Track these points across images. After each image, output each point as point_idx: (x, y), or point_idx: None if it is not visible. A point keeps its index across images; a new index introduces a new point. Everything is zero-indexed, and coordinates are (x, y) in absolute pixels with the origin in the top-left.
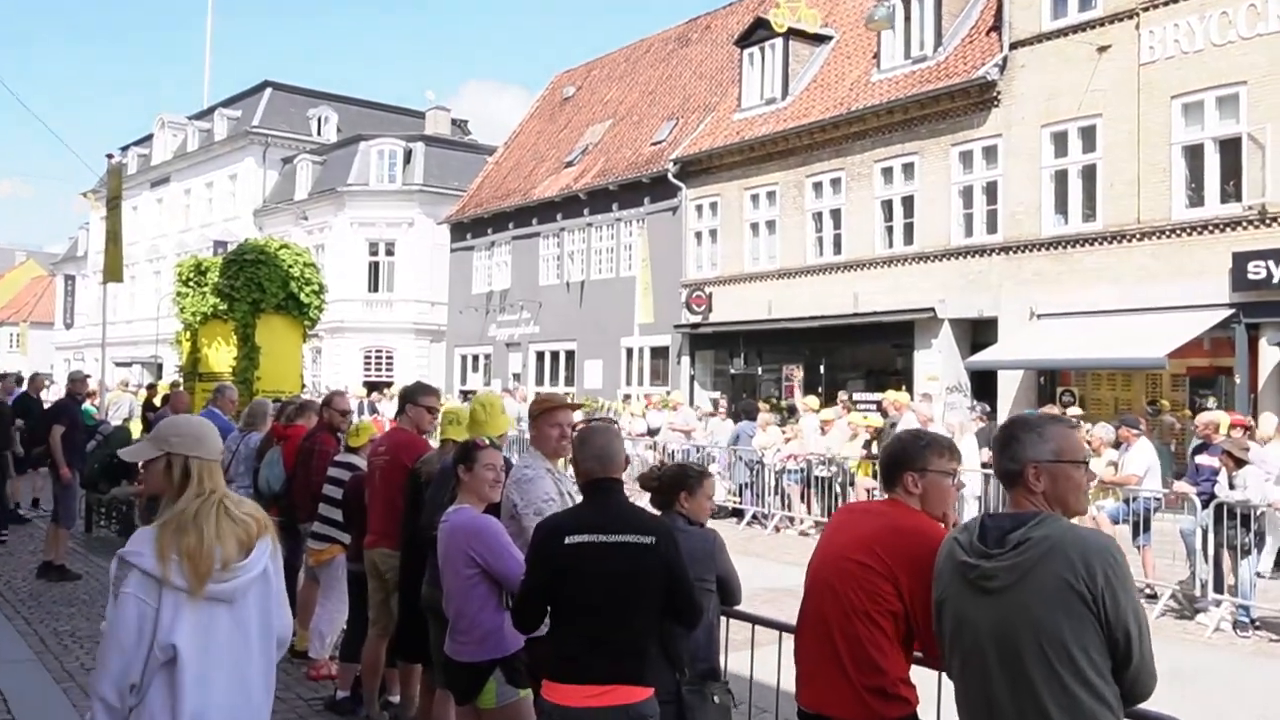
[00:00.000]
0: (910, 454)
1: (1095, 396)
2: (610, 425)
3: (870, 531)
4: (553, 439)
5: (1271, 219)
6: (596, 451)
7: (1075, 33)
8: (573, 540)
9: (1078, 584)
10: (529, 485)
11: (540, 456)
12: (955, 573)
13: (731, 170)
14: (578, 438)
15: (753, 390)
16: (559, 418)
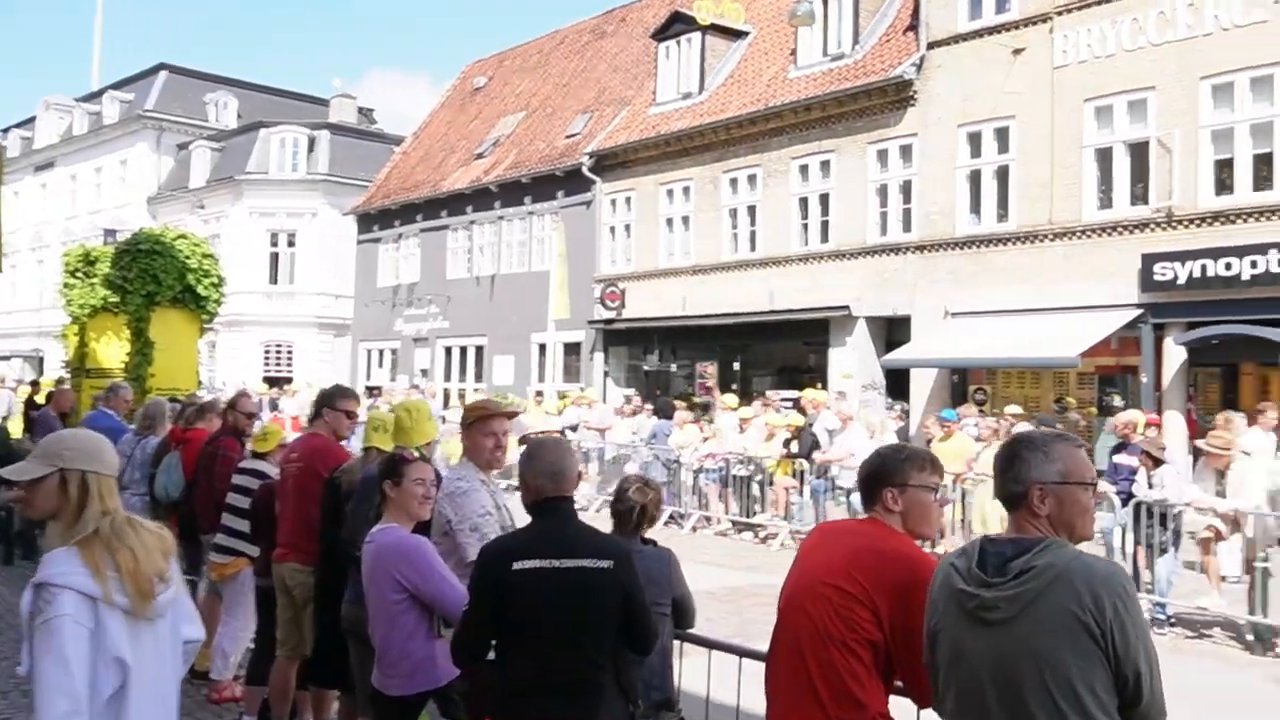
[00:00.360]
0: (889, 468)
1: (1005, 394)
2: (561, 439)
3: (848, 553)
4: (487, 449)
5: (1178, 222)
6: (548, 467)
7: (991, 34)
8: (522, 566)
9: (1085, 616)
10: (463, 499)
11: (473, 467)
12: (952, 601)
13: (647, 164)
14: (526, 452)
15: (666, 387)
16: (493, 426)
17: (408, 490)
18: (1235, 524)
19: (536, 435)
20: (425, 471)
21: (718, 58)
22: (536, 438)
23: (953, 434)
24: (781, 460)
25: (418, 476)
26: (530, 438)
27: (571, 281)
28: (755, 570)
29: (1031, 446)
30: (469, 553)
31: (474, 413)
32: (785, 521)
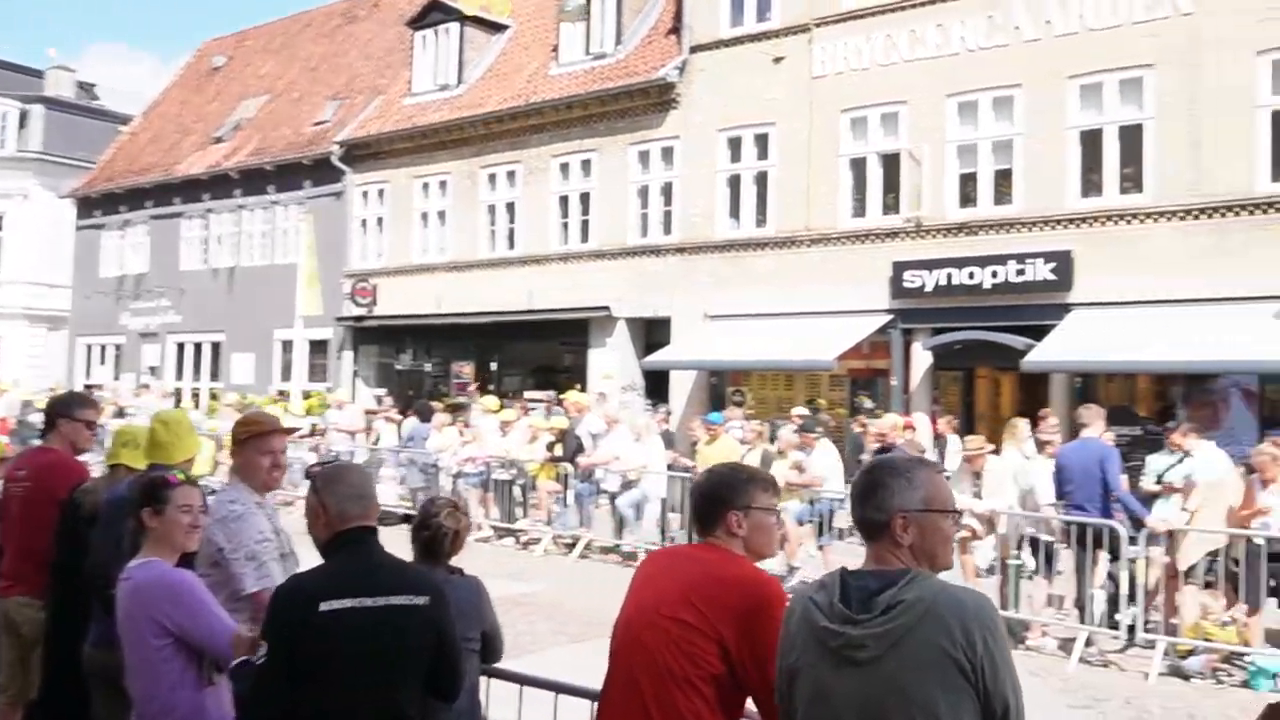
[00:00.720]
0: (734, 490)
1: (760, 396)
2: (356, 464)
3: (686, 582)
4: (263, 468)
5: (927, 232)
6: (354, 491)
7: (752, 42)
8: (330, 607)
9: (955, 652)
10: (238, 524)
11: (246, 489)
12: (813, 640)
13: (401, 157)
14: (325, 476)
15: (419, 387)
16: (271, 443)
17: (172, 519)
18: (990, 524)
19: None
20: (192, 497)
21: (477, 50)
22: (332, 462)
23: (719, 437)
24: (545, 464)
25: (184, 503)
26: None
27: (320, 276)
28: (519, 578)
29: (894, 473)
30: (245, 583)
31: (248, 428)
32: (548, 526)
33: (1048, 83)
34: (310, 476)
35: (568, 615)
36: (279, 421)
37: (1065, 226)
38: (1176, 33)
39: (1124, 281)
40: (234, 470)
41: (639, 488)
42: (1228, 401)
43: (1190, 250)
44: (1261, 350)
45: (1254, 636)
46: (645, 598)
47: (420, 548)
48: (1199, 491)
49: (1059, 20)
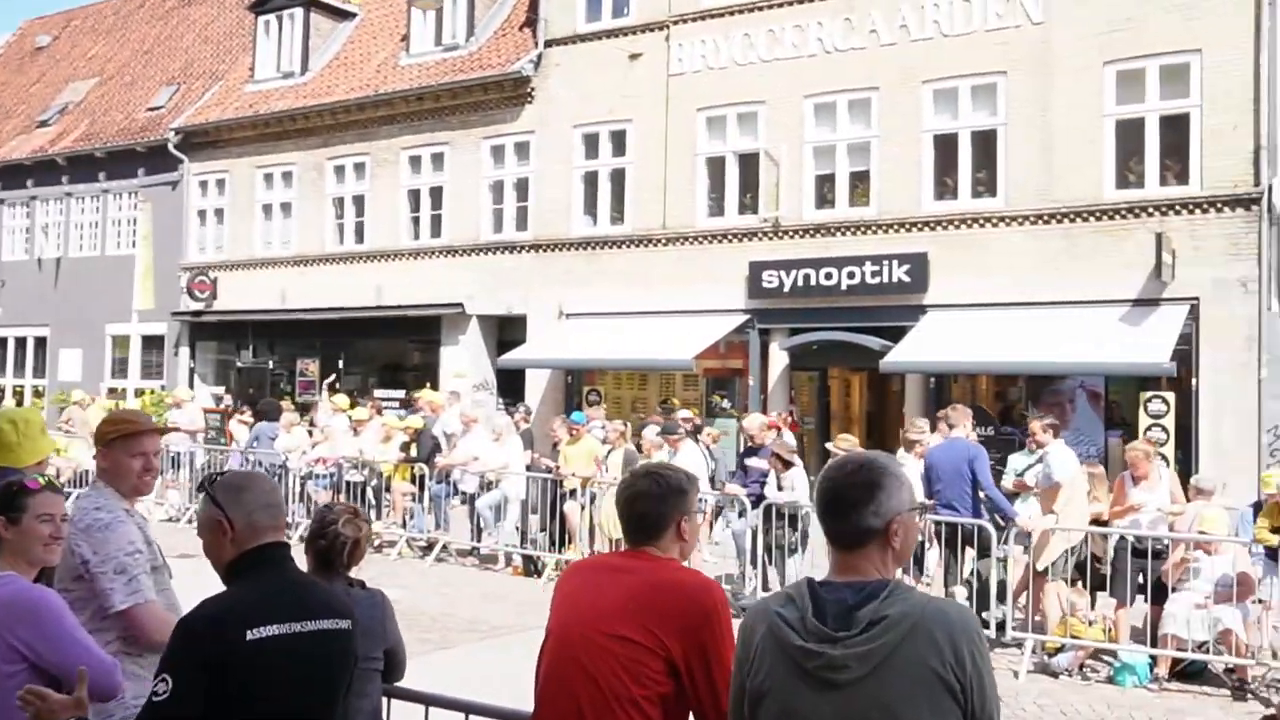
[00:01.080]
0: (686, 495)
1: (615, 396)
2: (257, 471)
3: (625, 594)
4: (134, 472)
5: (784, 232)
6: (265, 501)
7: (609, 38)
8: (260, 634)
9: (945, 672)
10: (106, 533)
11: (114, 494)
12: (784, 659)
13: (243, 146)
14: (230, 485)
15: (261, 385)
16: (143, 444)
17: (30, 530)
18: None
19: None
20: (54, 505)
21: (323, 38)
22: (234, 469)
23: (581, 437)
24: (400, 465)
25: (43, 511)
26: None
27: (155, 269)
28: (375, 584)
29: (888, 473)
30: (113, 599)
31: (117, 428)
32: (403, 529)
33: (903, 87)
34: (207, 487)
35: (431, 622)
36: (151, 420)
37: (920, 229)
38: (1028, 41)
39: (977, 284)
40: (100, 474)
41: (499, 489)
42: (1074, 402)
43: (1040, 254)
44: (1107, 353)
45: (1121, 633)
46: (578, 614)
47: (316, 558)
48: (1065, 490)
49: (915, 25)
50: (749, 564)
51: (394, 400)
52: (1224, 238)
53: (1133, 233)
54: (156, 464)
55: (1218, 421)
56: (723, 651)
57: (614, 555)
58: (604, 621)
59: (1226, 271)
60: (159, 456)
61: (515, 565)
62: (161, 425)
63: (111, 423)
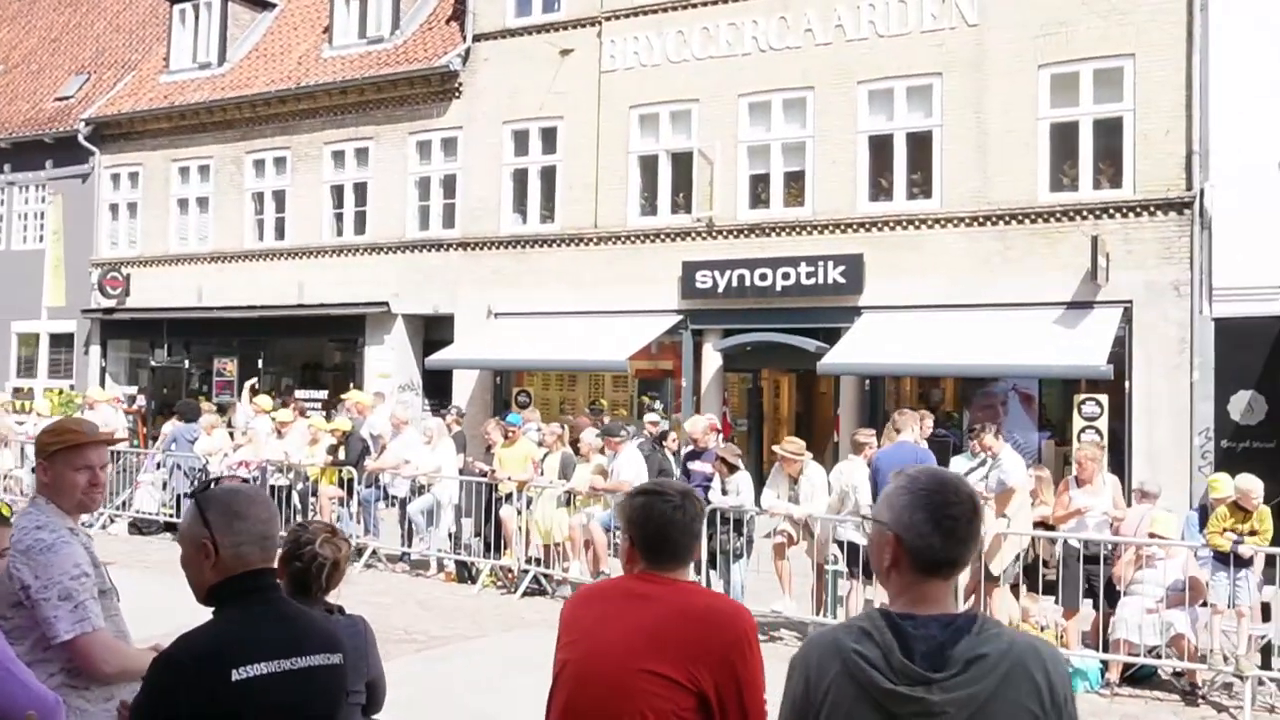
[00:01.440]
0: (700, 519)
1: (543, 397)
2: (252, 486)
3: (652, 625)
4: (79, 486)
5: (718, 232)
6: (261, 529)
7: (539, 33)
8: (246, 674)
9: (1043, 716)
10: (49, 556)
11: (56, 511)
12: (867, 703)
13: (157, 138)
14: (221, 502)
15: (175, 385)
16: (90, 457)
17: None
18: (807, 529)
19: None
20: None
21: (241, 28)
22: (223, 484)
23: (517, 440)
24: (327, 468)
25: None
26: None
27: (64, 264)
28: None
29: (974, 496)
30: (58, 629)
31: (60, 438)
32: None
33: (838, 87)
34: (194, 501)
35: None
36: (97, 429)
37: (855, 230)
38: (963, 43)
39: (913, 286)
40: (40, 488)
41: (430, 493)
42: (1006, 405)
43: (975, 256)
44: (1044, 355)
45: (1071, 638)
46: (602, 646)
47: (291, 582)
48: (1018, 496)
49: (850, 25)
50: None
51: (316, 401)
52: (1157, 241)
53: (1067, 236)
54: (103, 477)
55: (1151, 425)
56: (756, 679)
57: (632, 580)
58: (634, 656)
59: (1159, 275)
60: (106, 469)
61: (448, 571)
62: (109, 435)
63: (54, 433)
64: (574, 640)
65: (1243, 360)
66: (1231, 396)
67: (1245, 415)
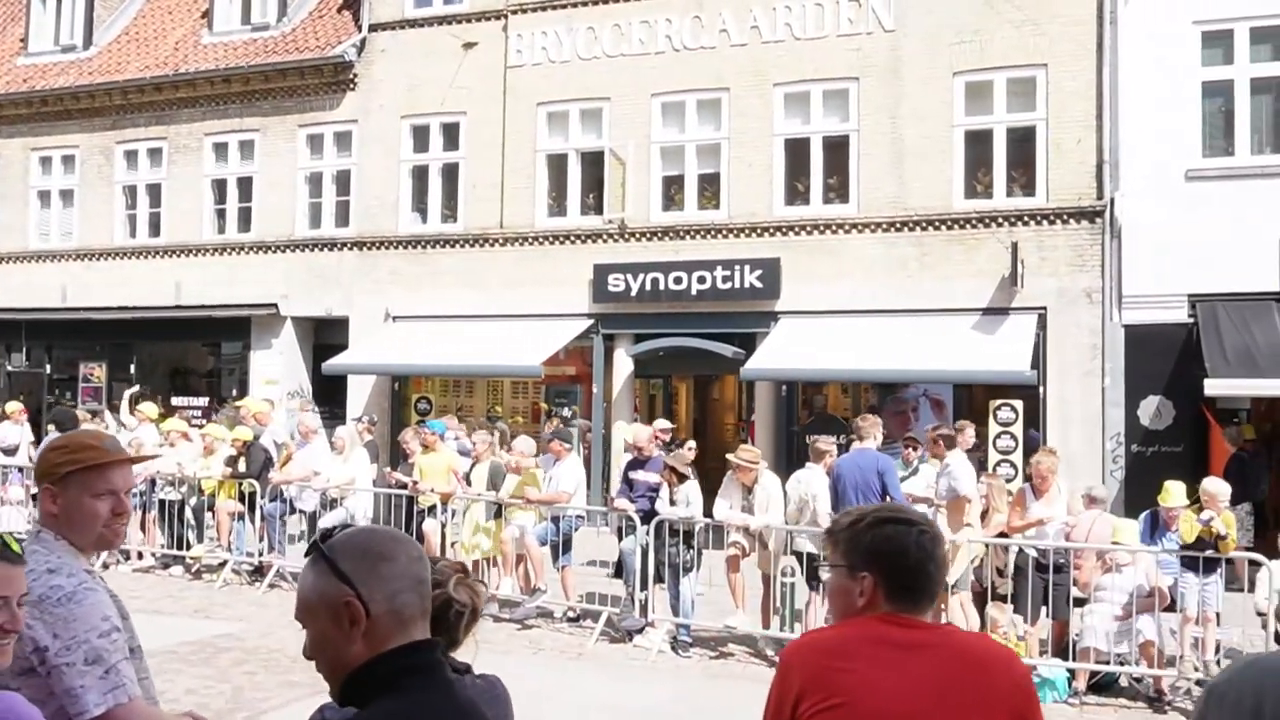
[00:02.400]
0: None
1: (441, 404)
2: (389, 528)
3: (935, 678)
4: (99, 517)
5: (630, 234)
6: (416, 574)
7: (440, 24)
8: None
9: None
10: (70, 608)
11: (69, 549)
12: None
13: (14, 125)
14: (365, 548)
15: (34, 391)
16: (114, 480)
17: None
18: (761, 540)
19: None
20: (10, 586)
21: (109, 10)
22: (359, 524)
23: (434, 447)
24: (226, 481)
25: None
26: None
27: None
28: (207, 615)
29: None
30: (86, 700)
31: (76, 457)
32: (229, 552)
33: (754, 89)
34: (316, 556)
35: (290, 662)
36: (120, 446)
37: (772, 234)
38: (879, 49)
39: (830, 291)
40: (47, 520)
41: (342, 507)
42: (917, 411)
43: (892, 262)
44: (967, 360)
45: (1032, 648)
46: (887, 704)
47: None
48: (975, 503)
49: (766, 27)
50: (637, 585)
51: (195, 409)
52: (1069, 249)
53: (983, 242)
54: (129, 505)
55: (1065, 429)
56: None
57: (884, 625)
58: (927, 715)
59: (1071, 282)
60: (130, 495)
61: None
62: (133, 453)
63: (66, 450)
64: (845, 702)
65: (1151, 366)
66: (1141, 402)
67: (1154, 420)
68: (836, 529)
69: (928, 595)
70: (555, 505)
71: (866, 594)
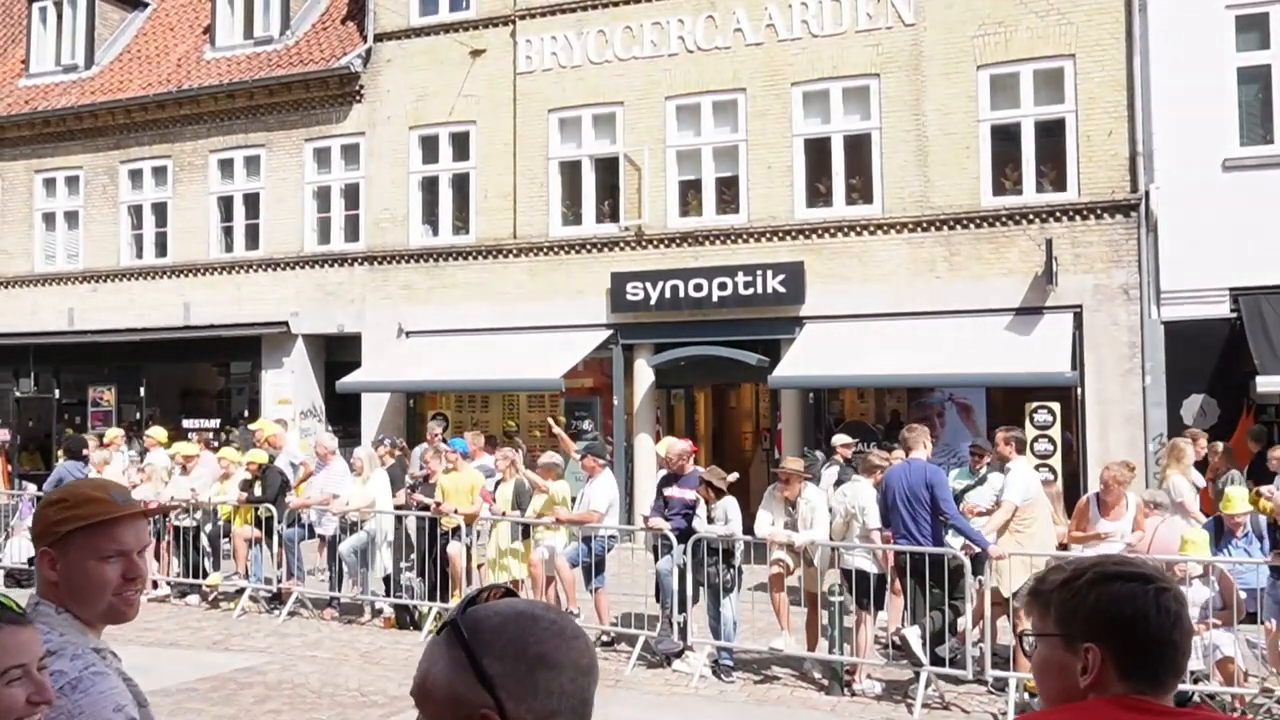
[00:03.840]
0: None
1: (456, 420)
2: (551, 606)
3: None
4: (109, 584)
5: (648, 241)
6: (583, 682)
7: (447, 32)
8: None
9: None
10: (75, 699)
11: (72, 624)
12: None
13: (17, 147)
14: (517, 642)
15: (43, 418)
16: (124, 538)
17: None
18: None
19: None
20: (23, 649)
21: (110, 28)
22: (495, 601)
23: (459, 467)
24: (242, 506)
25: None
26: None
27: None
28: (225, 647)
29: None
30: None
31: (76, 512)
32: (246, 580)
33: (772, 89)
34: (452, 635)
35: (316, 697)
36: (130, 496)
37: (794, 238)
38: (900, 44)
39: (856, 294)
40: (46, 589)
41: (364, 530)
42: (943, 416)
43: (920, 262)
44: (1003, 362)
45: None
46: None
47: None
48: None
49: (782, 25)
50: (675, 607)
51: (207, 431)
52: (1104, 244)
53: (1014, 240)
54: (143, 568)
55: (1104, 432)
56: None
57: (1122, 713)
58: None
59: (1108, 279)
60: (145, 555)
61: (387, 617)
62: (143, 504)
63: (66, 505)
64: None
65: (1193, 364)
66: (1184, 401)
67: (1198, 419)
68: (1045, 587)
69: (1174, 671)
70: (586, 525)
71: (1093, 671)
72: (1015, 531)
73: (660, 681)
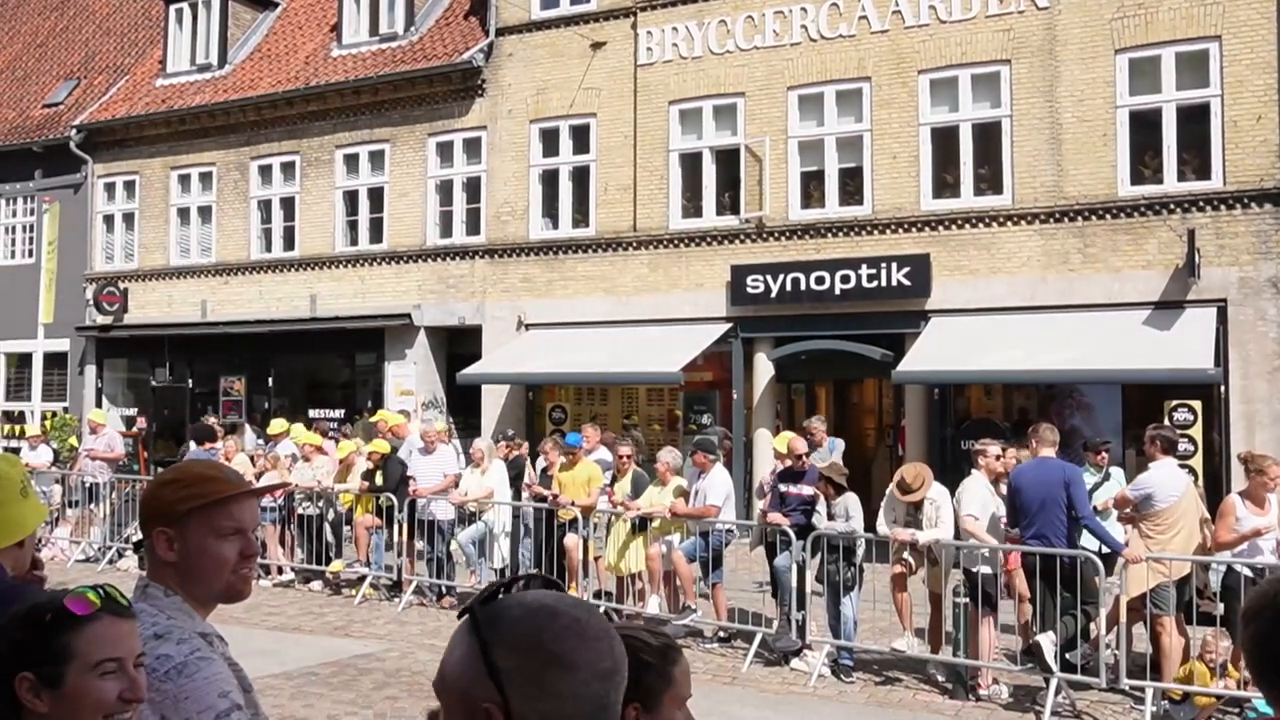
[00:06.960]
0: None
1: (575, 412)
2: (573, 596)
3: None
4: (227, 562)
5: (769, 233)
6: (598, 686)
7: (568, 25)
8: None
9: None
10: (181, 683)
11: (183, 608)
12: None
13: (155, 145)
14: (532, 640)
15: (178, 406)
16: (243, 515)
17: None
18: (929, 557)
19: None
20: (120, 642)
21: (242, 29)
22: (523, 591)
23: (579, 461)
24: (364, 496)
25: (105, 656)
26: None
27: (57, 279)
28: (346, 633)
29: None
30: None
31: (194, 490)
32: (367, 568)
33: (897, 77)
34: (469, 624)
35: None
36: (241, 476)
37: (920, 229)
38: (1032, 28)
39: (984, 287)
40: (156, 570)
41: (482, 521)
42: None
43: (1052, 254)
44: (1143, 359)
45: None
46: None
47: None
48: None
49: (909, 12)
50: (794, 604)
51: (332, 421)
52: (1251, 235)
53: (1153, 230)
54: (256, 545)
55: (1250, 432)
56: None
57: None
58: None
59: (1254, 271)
60: (257, 533)
61: None
62: (254, 483)
63: (182, 484)
64: None
65: None
66: None
67: None
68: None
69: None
70: (705, 519)
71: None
72: (1147, 537)
73: (778, 680)
